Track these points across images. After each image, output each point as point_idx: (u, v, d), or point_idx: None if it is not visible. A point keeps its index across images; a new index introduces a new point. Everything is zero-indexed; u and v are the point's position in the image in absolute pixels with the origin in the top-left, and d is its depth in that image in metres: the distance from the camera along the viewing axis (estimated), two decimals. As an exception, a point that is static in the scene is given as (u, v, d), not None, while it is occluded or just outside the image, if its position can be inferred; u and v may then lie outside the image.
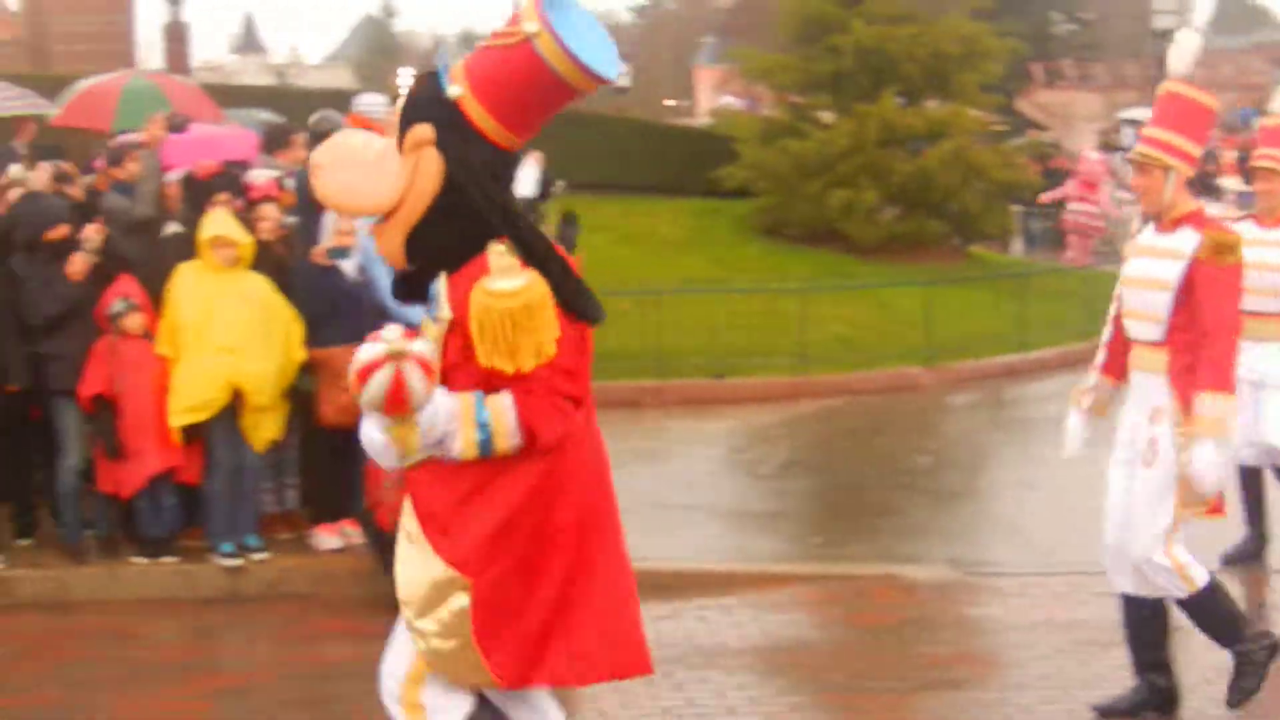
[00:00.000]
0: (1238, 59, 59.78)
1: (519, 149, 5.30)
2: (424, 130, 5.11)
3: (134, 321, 10.96)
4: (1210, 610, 7.91)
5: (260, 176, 11.69)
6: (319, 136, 12.40)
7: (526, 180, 14.24)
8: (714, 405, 18.89)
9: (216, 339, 10.80)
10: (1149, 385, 7.86)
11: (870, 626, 9.97)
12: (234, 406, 10.89)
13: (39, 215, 11.28)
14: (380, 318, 11.58)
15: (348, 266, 11.36)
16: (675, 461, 15.46)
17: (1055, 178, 32.48)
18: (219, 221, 11.01)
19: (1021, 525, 12.33)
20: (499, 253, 5.15)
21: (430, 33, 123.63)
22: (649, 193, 32.37)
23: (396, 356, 5.04)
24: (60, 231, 11.15)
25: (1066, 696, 8.26)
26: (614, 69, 5.13)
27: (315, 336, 11.08)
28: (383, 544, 10.38)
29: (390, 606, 10.06)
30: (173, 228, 11.58)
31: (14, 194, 11.86)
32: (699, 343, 19.98)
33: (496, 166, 5.19)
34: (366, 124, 14.54)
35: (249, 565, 10.95)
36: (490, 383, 5.16)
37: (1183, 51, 7.93)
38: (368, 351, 5.10)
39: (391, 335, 5.09)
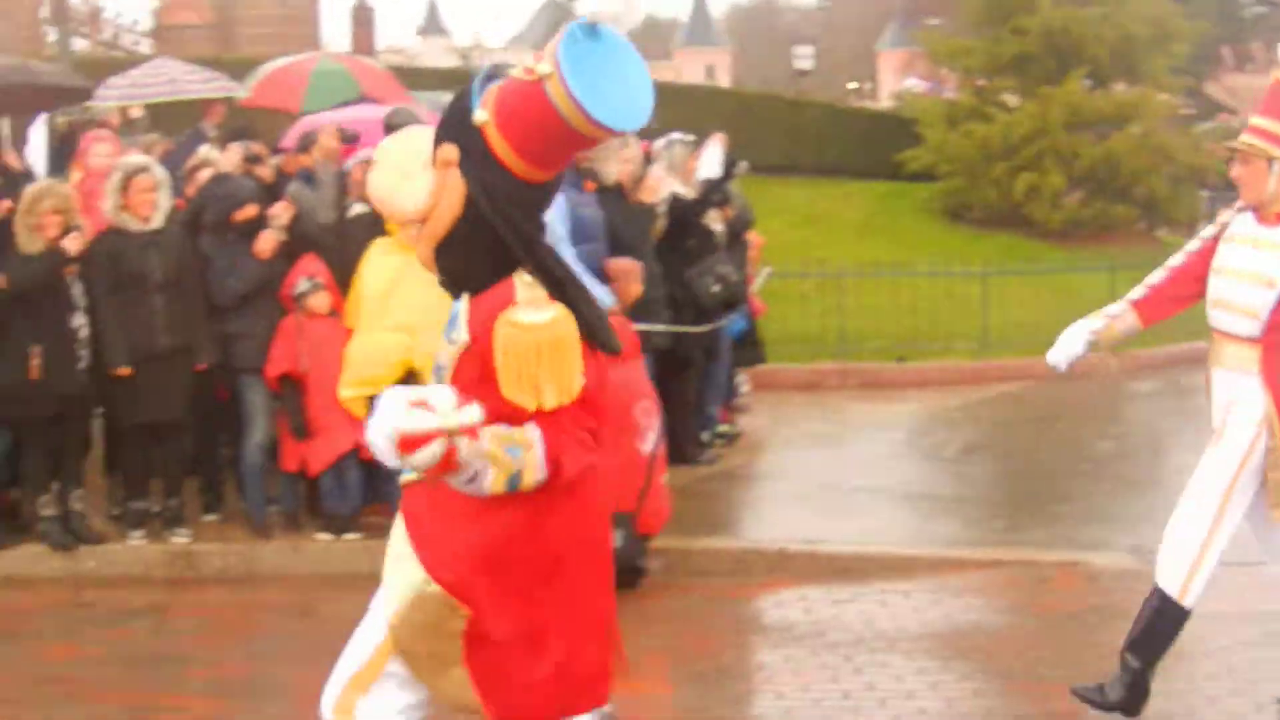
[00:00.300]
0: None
1: (546, 182, 5.07)
2: (449, 151, 5.00)
3: (319, 300, 11.08)
4: (1166, 625, 7.72)
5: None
6: (390, 129, 12.55)
7: (711, 161, 14.23)
8: (895, 389, 18.83)
9: (395, 316, 10.86)
10: (1229, 381, 7.66)
11: (1051, 613, 9.89)
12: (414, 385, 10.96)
13: (227, 196, 11.44)
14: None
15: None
16: (855, 445, 15.41)
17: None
18: (407, 202, 11.07)
19: (1207, 514, 12.13)
20: (527, 283, 5.00)
21: (613, 17, 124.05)
22: (832, 175, 32.31)
23: (450, 433, 4.79)
24: (249, 212, 11.30)
25: (1253, 689, 8.13)
26: (631, 121, 4.87)
27: (501, 315, 11.12)
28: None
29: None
30: (358, 208, 11.67)
31: (203, 175, 12.03)
32: (880, 326, 19.93)
33: (520, 195, 5.00)
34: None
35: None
36: (504, 411, 4.97)
37: None
38: (415, 422, 4.79)
39: (444, 405, 4.81)
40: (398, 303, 10.87)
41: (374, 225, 11.18)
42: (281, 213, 11.35)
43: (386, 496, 11.28)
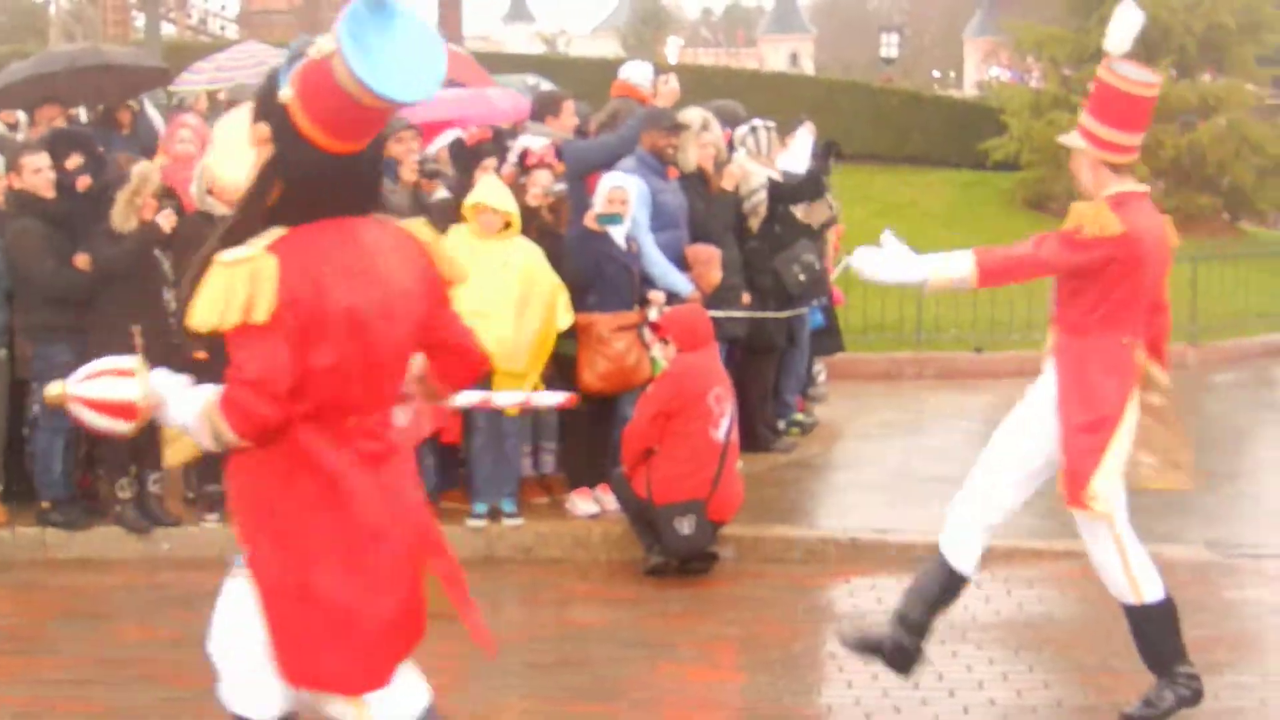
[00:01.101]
0: None
1: (359, 153, 5.16)
2: (262, 129, 5.12)
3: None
4: (1151, 628, 7.71)
5: (537, 143, 11.74)
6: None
7: (800, 150, 14.28)
8: (972, 379, 18.78)
9: (468, 303, 10.86)
10: None
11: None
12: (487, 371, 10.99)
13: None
14: (646, 285, 11.72)
15: (617, 234, 11.42)
16: (931, 434, 15.38)
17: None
18: (483, 189, 11.11)
19: (1284, 507, 12.08)
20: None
21: (697, 3, 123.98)
22: (915, 164, 32.23)
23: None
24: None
25: (1326, 681, 8.10)
26: (413, 91, 4.98)
27: (580, 302, 11.16)
28: (634, 509, 10.51)
29: (639, 572, 10.16)
30: (440, 194, 11.72)
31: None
32: (958, 316, 19.87)
33: (327, 166, 5.08)
34: (632, 92, 14.65)
35: (504, 529, 11.05)
36: None
37: (1120, 28, 7.66)
38: (77, 387, 5.27)
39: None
40: (471, 290, 10.87)
41: (454, 212, 11.22)
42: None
43: (462, 481, 11.36)
